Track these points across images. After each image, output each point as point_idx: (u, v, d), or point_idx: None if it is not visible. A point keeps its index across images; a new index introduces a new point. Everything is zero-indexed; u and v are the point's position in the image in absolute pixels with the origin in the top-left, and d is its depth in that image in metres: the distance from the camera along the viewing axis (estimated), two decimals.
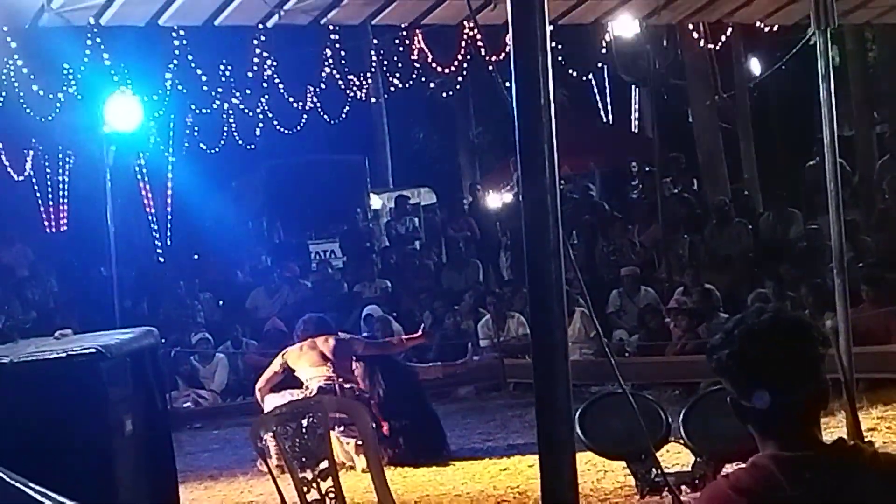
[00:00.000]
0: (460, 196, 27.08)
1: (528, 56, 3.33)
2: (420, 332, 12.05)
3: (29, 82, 20.82)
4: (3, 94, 21.33)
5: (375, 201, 25.52)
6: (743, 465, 3.03)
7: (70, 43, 19.26)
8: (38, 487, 5.25)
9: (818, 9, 9.08)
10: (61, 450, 6.48)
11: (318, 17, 8.96)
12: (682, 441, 7.00)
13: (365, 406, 10.83)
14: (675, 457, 8.48)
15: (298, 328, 11.59)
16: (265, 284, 19.17)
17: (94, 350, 6.71)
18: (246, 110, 24.85)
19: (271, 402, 10.61)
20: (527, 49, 3.32)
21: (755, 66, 24.83)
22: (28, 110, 21.91)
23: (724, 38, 19.78)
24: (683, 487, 6.79)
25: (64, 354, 6.71)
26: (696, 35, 18.79)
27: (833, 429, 8.47)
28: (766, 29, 16.92)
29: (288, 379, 11.41)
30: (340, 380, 10.89)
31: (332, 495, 7.17)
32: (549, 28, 3.37)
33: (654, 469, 6.91)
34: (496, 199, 23.57)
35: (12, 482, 5.06)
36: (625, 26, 12.04)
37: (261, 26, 9.44)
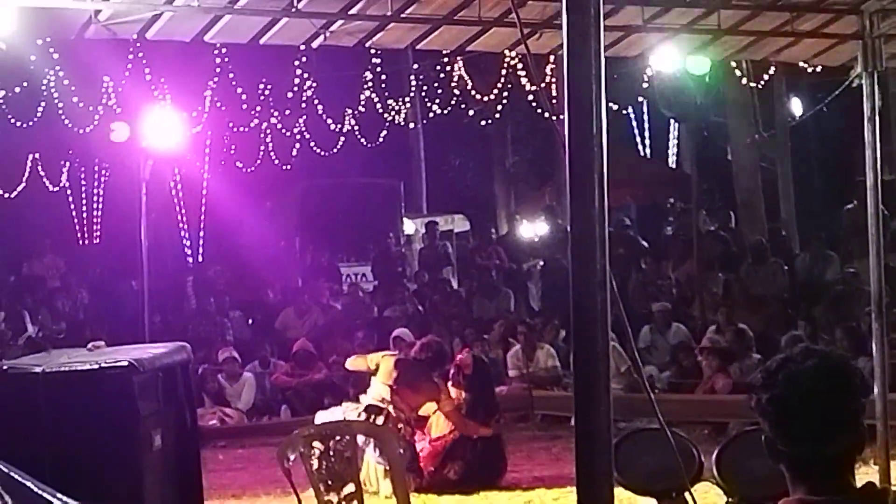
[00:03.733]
0: (493, 224, 27.06)
1: (583, 84, 3.29)
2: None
3: (69, 94, 20.93)
4: (43, 104, 21.46)
5: (409, 226, 25.52)
6: None
7: (112, 56, 19.37)
8: (64, 498, 5.23)
9: (866, 51, 9.04)
10: (90, 461, 6.47)
11: (364, 39, 8.95)
12: (714, 481, 6.92)
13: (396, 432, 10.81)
14: (704, 496, 8.40)
15: (423, 348, 11.33)
16: (295, 305, 19.15)
17: (126, 363, 6.70)
18: (283, 130, 24.90)
19: (321, 417, 10.55)
20: (581, 77, 3.29)
21: (796, 105, 24.74)
22: (67, 122, 22.02)
23: (766, 76, 19.71)
24: None
25: (97, 366, 6.71)
26: (738, 72, 18.73)
27: (863, 474, 8.35)
28: (809, 69, 16.87)
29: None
30: (391, 407, 10.75)
31: None
32: (603, 57, 3.34)
33: None
34: (530, 229, 23.51)
35: (40, 492, 5.04)
36: (669, 62, 11.95)
37: (303, 47, 9.43)
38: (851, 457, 2.94)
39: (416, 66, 25.17)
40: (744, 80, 19.29)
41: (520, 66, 20.95)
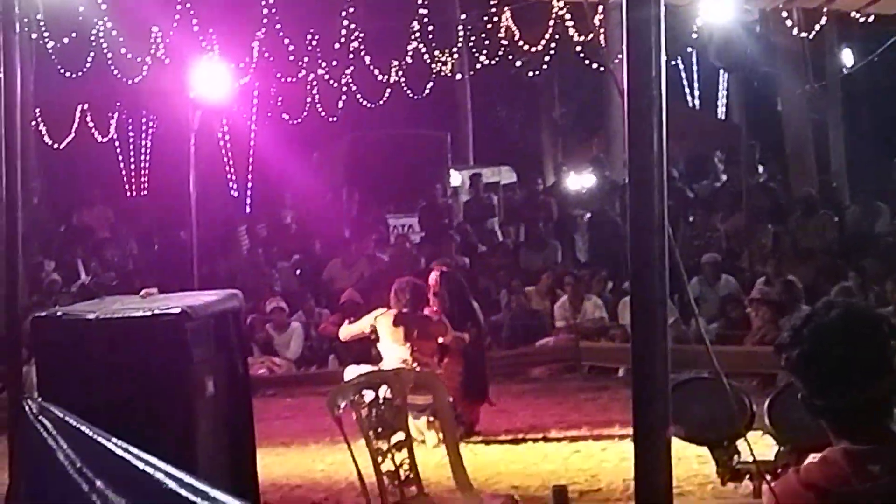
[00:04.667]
0: (540, 176, 26.97)
1: (642, 28, 3.26)
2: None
3: (118, 45, 20.99)
4: (92, 54, 21.53)
5: (455, 178, 25.46)
6: (814, 460, 2.99)
7: (160, 6, 19.39)
8: (118, 442, 5.28)
9: None
10: (143, 407, 6.52)
11: None
12: (766, 430, 6.91)
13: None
14: (755, 446, 8.38)
15: (397, 294, 11.38)
16: (342, 256, 19.20)
17: (179, 310, 6.74)
18: (330, 81, 24.89)
19: (351, 372, 10.60)
20: (641, 21, 3.26)
21: (847, 56, 24.47)
22: (115, 73, 22.09)
23: (817, 26, 19.48)
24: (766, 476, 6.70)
25: (150, 313, 6.75)
26: (789, 23, 18.52)
27: None
28: (861, 19, 16.65)
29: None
30: (416, 364, 10.82)
31: (406, 466, 7.14)
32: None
33: (735, 456, 6.84)
34: (577, 181, 23.44)
35: (95, 436, 5.10)
36: (719, 11, 11.84)
37: None
38: (889, 403, 2.94)
39: (463, 16, 25.05)
40: (794, 30, 19.06)
41: (567, 16, 20.80)
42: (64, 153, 24.58)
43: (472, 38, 25.13)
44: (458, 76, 26.63)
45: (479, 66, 25.61)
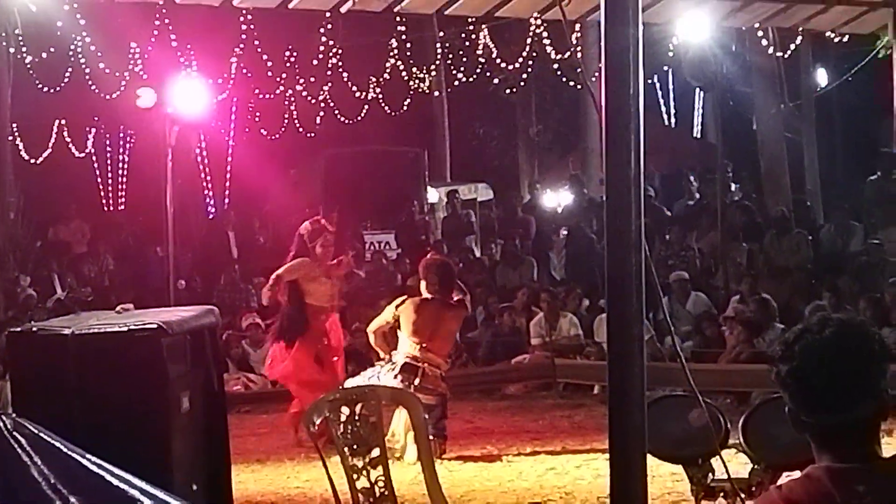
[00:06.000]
0: (517, 193, 27.03)
1: (621, 46, 3.29)
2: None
3: (96, 59, 20.96)
4: (70, 69, 21.49)
5: (433, 195, 25.49)
6: (796, 476, 2.99)
7: (138, 22, 19.36)
8: (93, 459, 5.26)
9: None
10: (118, 422, 6.50)
11: (392, 4, 8.93)
12: (740, 447, 6.92)
13: (440, 396, 10.82)
14: (729, 464, 8.39)
15: (425, 276, 11.16)
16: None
17: (155, 325, 6.72)
18: (308, 97, 24.91)
19: (351, 383, 10.56)
20: (620, 39, 3.29)
21: (822, 75, 24.63)
22: (93, 87, 22.06)
23: (792, 45, 19.61)
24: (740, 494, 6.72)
25: (125, 328, 6.72)
26: (764, 42, 18.64)
27: (886, 444, 8.34)
28: (836, 39, 16.76)
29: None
30: (426, 364, 10.77)
31: (381, 483, 7.13)
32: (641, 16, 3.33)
33: (710, 474, 6.85)
34: (553, 198, 23.49)
35: (70, 453, 5.07)
36: (695, 30, 11.91)
37: (329, 14, 9.42)
38: (876, 424, 2.94)
39: (441, 33, 25.12)
40: (770, 50, 19.18)
41: (545, 34, 20.88)
42: (41, 168, 24.51)
43: (450, 56, 25.21)
44: (436, 93, 26.69)
45: (456, 83, 25.70)
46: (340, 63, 23.47)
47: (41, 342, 6.82)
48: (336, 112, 25.54)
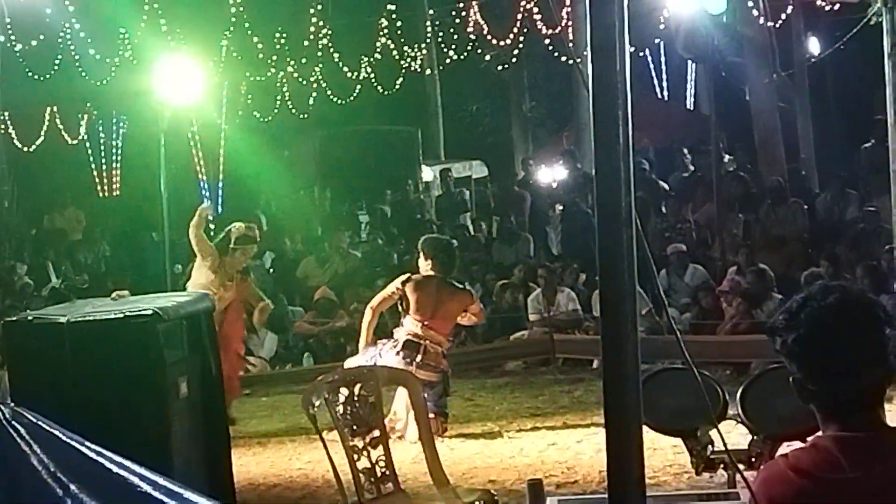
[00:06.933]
0: (512, 169, 27.02)
1: (607, 20, 3.27)
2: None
3: (85, 46, 20.91)
4: (60, 57, 21.44)
5: (427, 173, 25.49)
6: (803, 446, 2.98)
7: (127, 7, 19.32)
8: (92, 446, 5.26)
9: None
10: (116, 409, 6.52)
11: None
12: (739, 419, 6.93)
13: (442, 373, 10.82)
14: (728, 436, 8.41)
15: (425, 253, 11.11)
16: (315, 253, 19.19)
17: (151, 312, 6.73)
18: (300, 79, 24.87)
19: (352, 362, 10.58)
20: (606, 13, 3.27)
21: (814, 44, 24.58)
22: (84, 74, 22.01)
23: (784, 15, 19.56)
24: (739, 465, 6.73)
25: (121, 315, 6.74)
26: (755, 12, 18.59)
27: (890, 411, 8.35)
28: (827, 7, 16.74)
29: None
30: (428, 342, 10.78)
31: (382, 463, 7.14)
32: None
33: (709, 446, 6.86)
34: (548, 174, 23.47)
35: (68, 440, 5.07)
36: (686, 2, 11.87)
37: None
38: (882, 390, 2.94)
39: (431, 11, 25.07)
40: (761, 20, 19.14)
41: (535, 9, 20.84)
42: (34, 156, 24.47)
43: (441, 34, 25.15)
44: (428, 72, 26.64)
45: (448, 61, 25.64)
46: (331, 44, 23.42)
47: (37, 331, 6.83)
48: (328, 92, 25.50)
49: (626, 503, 3.24)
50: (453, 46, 24.94)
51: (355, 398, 7.25)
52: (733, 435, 7.72)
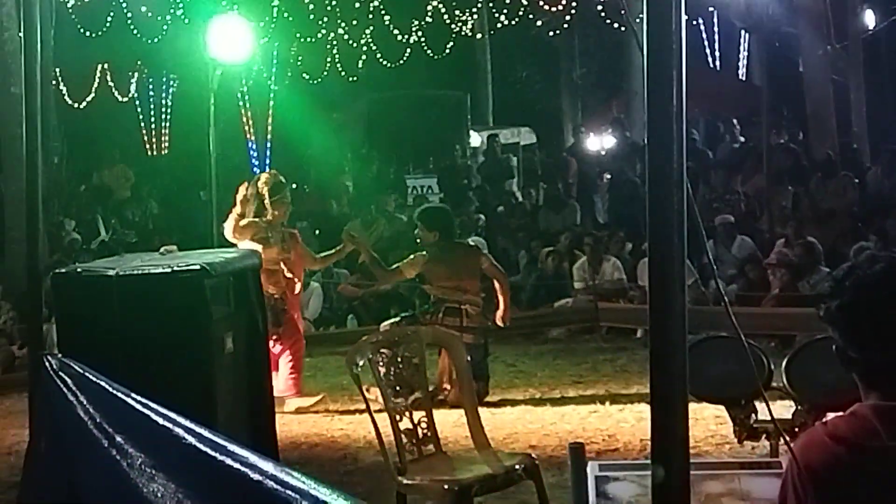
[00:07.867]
0: (560, 137, 26.92)
1: None
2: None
3: (138, 3, 20.97)
4: (112, 14, 21.52)
5: (475, 139, 25.44)
6: (842, 414, 2.97)
7: None
8: (138, 398, 5.30)
9: None
10: (162, 363, 6.55)
11: None
12: (783, 389, 6.89)
13: (479, 334, 10.84)
14: (772, 405, 8.38)
15: (424, 226, 11.14)
16: (361, 216, 19.22)
17: (199, 267, 6.75)
18: (350, 41, 24.85)
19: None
20: None
21: (870, 17, 24.30)
22: (135, 32, 22.08)
23: None
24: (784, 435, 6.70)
25: (169, 270, 6.76)
26: None
27: None
28: None
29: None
30: (467, 306, 10.80)
31: (424, 425, 7.15)
32: None
33: (753, 415, 6.83)
34: (596, 142, 23.38)
35: (114, 392, 5.10)
36: None
37: None
38: None
39: None
40: None
41: None
42: (84, 113, 24.61)
43: None
44: (478, 36, 26.56)
45: (499, 25, 25.53)
46: (382, 6, 23.38)
47: (86, 283, 6.86)
48: (378, 56, 25.47)
49: (671, 470, 3.22)
50: (504, 11, 24.84)
51: (399, 359, 7.27)
52: (776, 405, 7.70)
